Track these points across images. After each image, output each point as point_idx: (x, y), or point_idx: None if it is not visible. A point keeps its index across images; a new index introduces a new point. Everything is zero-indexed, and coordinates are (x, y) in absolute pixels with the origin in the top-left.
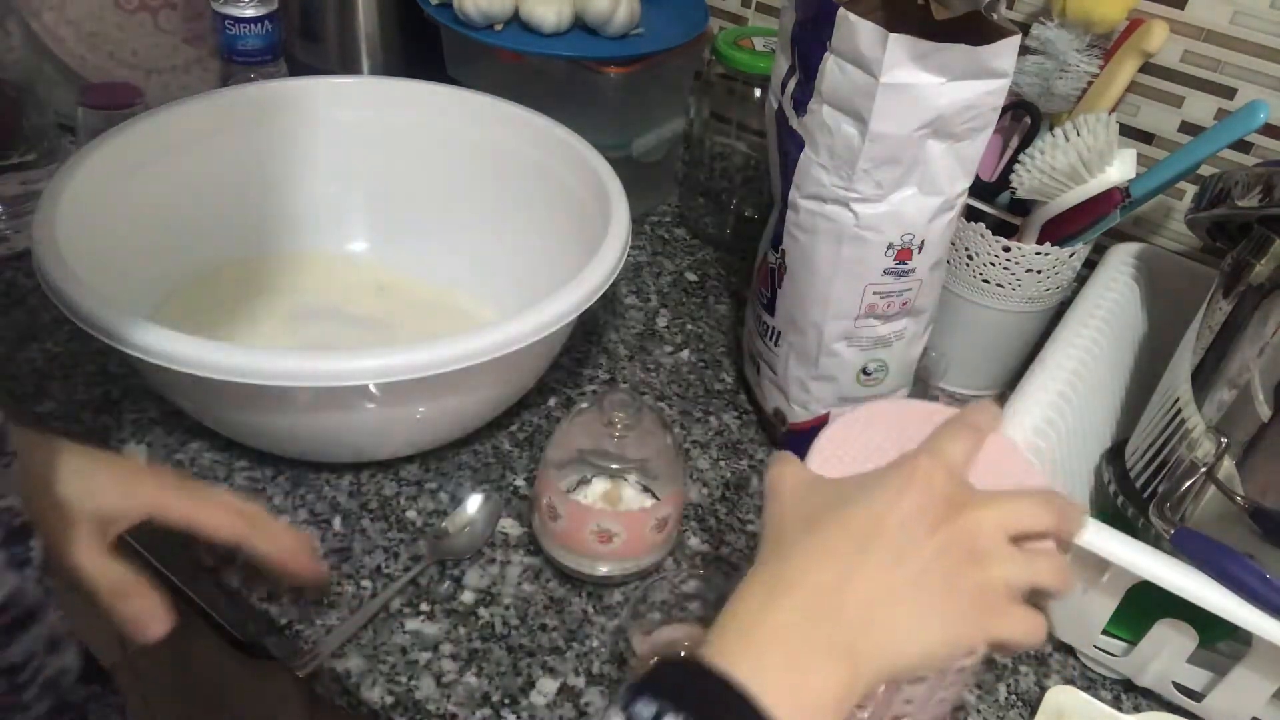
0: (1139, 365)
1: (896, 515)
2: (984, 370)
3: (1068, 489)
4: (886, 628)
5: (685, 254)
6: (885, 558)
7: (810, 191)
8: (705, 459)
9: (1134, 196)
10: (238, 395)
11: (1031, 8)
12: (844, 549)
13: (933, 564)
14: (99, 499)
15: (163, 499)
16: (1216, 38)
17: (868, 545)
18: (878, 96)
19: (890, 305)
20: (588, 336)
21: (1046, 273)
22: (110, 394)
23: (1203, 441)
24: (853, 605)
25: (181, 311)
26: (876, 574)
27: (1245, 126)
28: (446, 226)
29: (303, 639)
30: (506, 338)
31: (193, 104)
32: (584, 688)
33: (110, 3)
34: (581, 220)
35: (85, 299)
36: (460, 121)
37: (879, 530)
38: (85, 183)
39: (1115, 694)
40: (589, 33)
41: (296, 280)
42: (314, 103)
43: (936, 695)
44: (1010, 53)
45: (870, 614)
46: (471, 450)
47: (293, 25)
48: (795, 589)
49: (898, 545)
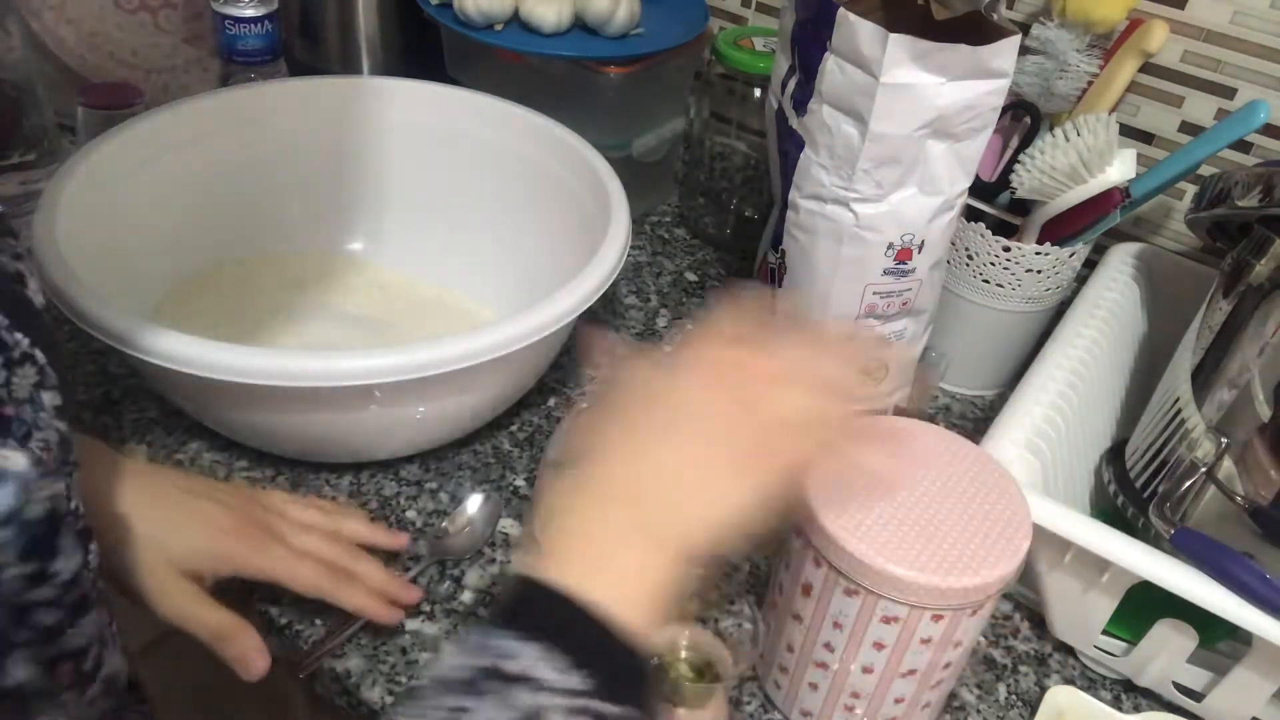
0: (1139, 365)
1: (678, 391)
2: (984, 370)
3: (1068, 489)
4: (685, 497)
5: (685, 254)
6: (674, 434)
7: (810, 191)
8: None
9: (1134, 196)
10: (238, 395)
11: (1031, 8)
12: (638, 436)
13: (715, 425)
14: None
15: (251, 561)
16: (1216, 38)
17: (658, 425)
18: (878, 96)
19: (890, 305)
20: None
21: (1046, 273)
22: (110, 394)
23: (1203, 441)
24: (649, 486)
25: (182, 311)
26: (666, 452)
27: (1245, 126)
28: (446, 226)
29: (303, 639)
30: (506, 338)
31: (193, 104)
32: None
33: (110, 3)
34: (581, 220)
35: (85, 299)
36: (461, 121)
37: (665, 407)
38: (85, 183)
39: (1115, 694)
40: (589, 33)
41: (296, 280)
42: (314, 103)
43: (923, 698)
44: (1010, 53)
45: (664, 489)
46: (471, 450)
47: (293, 25)
48: (598, 484)
49: (683, 418)
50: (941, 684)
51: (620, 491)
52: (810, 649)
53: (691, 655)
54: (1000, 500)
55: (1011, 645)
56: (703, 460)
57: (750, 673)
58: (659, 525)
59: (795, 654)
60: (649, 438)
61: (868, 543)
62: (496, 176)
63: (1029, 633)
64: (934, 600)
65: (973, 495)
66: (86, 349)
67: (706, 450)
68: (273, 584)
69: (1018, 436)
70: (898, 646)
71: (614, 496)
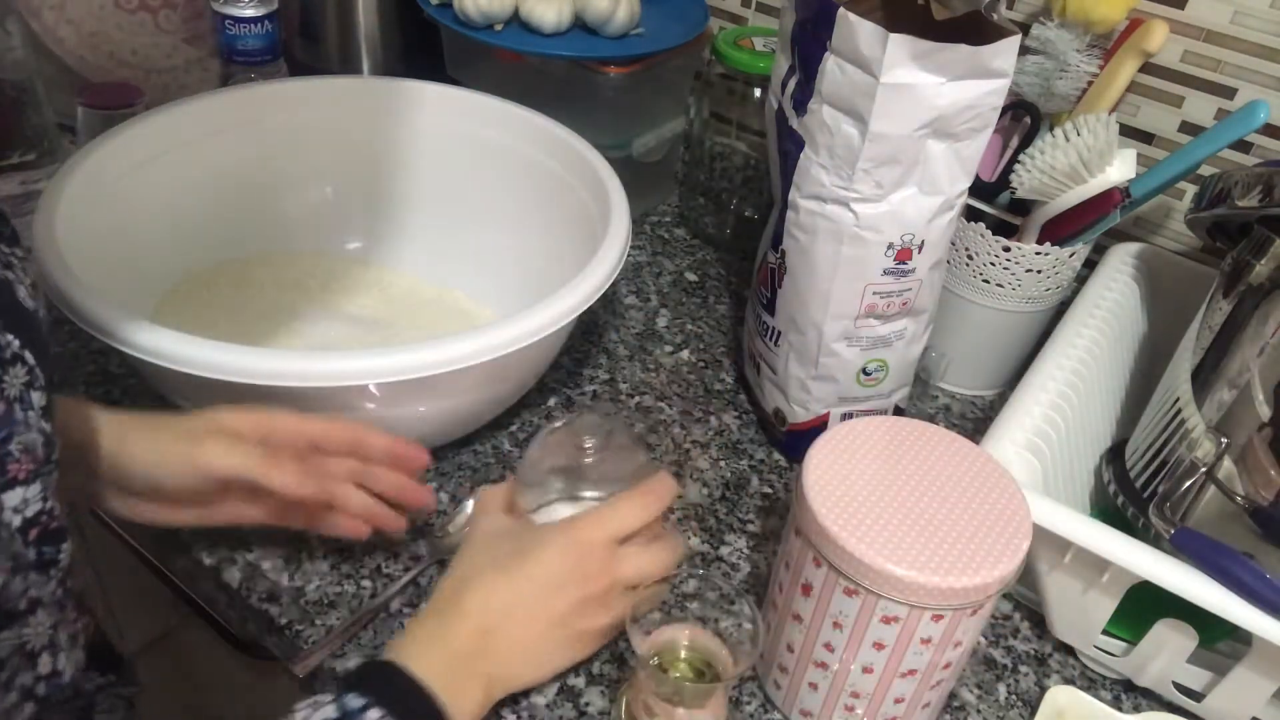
0: (1139, 365)
1: (548, 574)
2: (984, 370)
3: (1068, 489)
4: (519, 664)
5: (685, 254)
6: (534, 608)
7: (810, 191)
8: (705, 459)
9: (1134, 196)
10: (238, 395)
11: (1031, 8)
12: (507, 597)
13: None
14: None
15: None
16: (1216, 38)
17: (523, 597)
18: (878, 96)
19: (890, 305)
20: (588, 336)
21: (1046, 273)
22: (110, 394)
23: (1203, 441)
24: (501, 646)
25: (182, 311)
26: (522, 624)
27: (1245, 126)
28: (446, 226)
29: (303, 639)
30: (506, 338)
31: (193, 104)
32: (584, 688)
33: (110, 3)
34: (581, 220)
35: (85, 299)
36: (460, 121)
37: (533, 585)
38: (85, 183)
39: (1115, 694)
40: (589, 33)
41: (296, 280)
42: (314, 103)
43: (923, 698)
44: (1010, 53)
45: (511, 654)
46: (471, 450)
47: (293, 25)
48: (467, 622)
49: (544, 599)
50: (941, 684)
51: (476, 643)
52: (810, 649)
53: (691, 655)
54: (1000, 500)
55: (1011, 645)
56: (544, 640)
57: (750, 673)
58: (495, 678)
59: (795, 654)
60: (509, 604)
61: (868, 543)
62: (497, 176)
63: (1029, 633)
64: (934, 600)
65: (973, 495)
66: (86, 349)
67: (548, 630)
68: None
69: (1018, 436)
70: (898, 646)
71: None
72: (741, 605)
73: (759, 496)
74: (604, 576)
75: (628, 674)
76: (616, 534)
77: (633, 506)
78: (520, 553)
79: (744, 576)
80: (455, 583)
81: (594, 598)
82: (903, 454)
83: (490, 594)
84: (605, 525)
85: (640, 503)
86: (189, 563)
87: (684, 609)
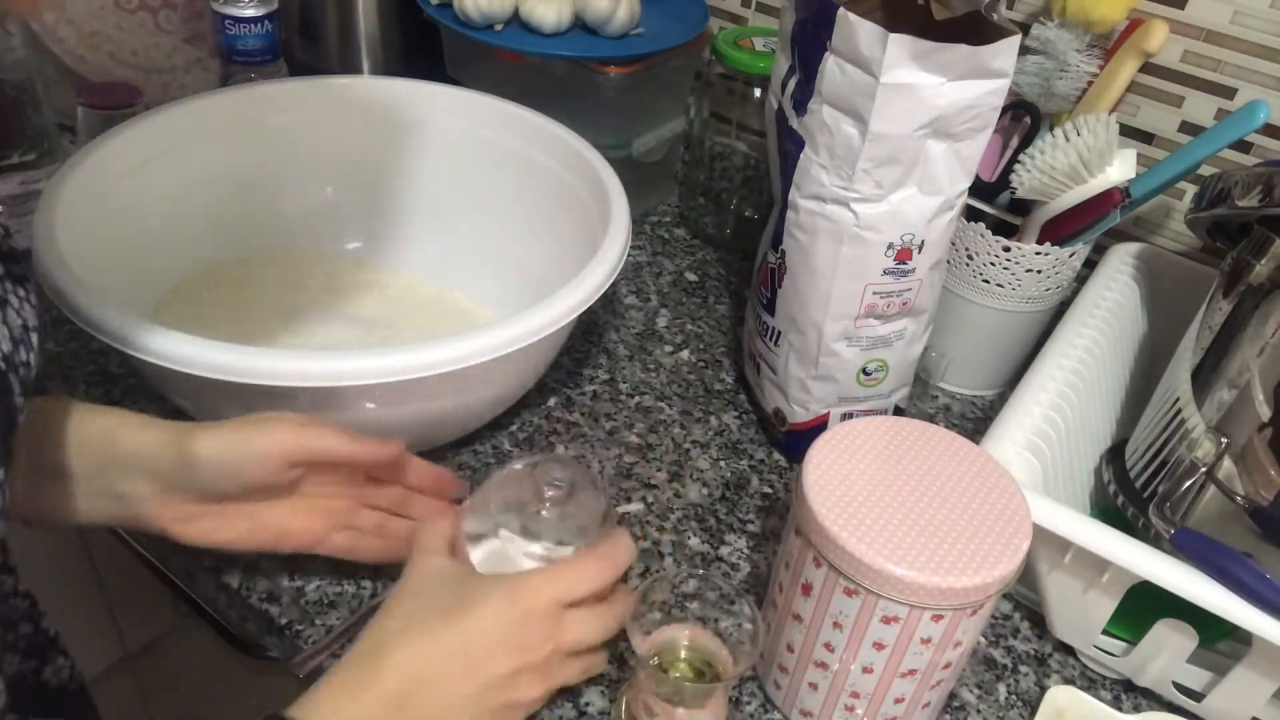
0: (1139, 365)
1: (483, 638)
2: (984, 370)
3: (1067, 489)
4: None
5: (685, 254)
6: (462, 674)
7: (810, 191)
8: (705, 459)
9: (1134, 196)
10: (238, 395)
11: (1031, 8)
12: (433, 660)
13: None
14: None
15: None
16: (1216, 38)
17: (452, 661)
18: (878, 96)
19: (890, 305)
20: (588, 336)
21: (1046, 273)
22: (110, 394)
23: (1203, 441)
24: (419, 715)
25: (181, 311)
26: (445, 691)
27: (1245, 126)
28: (446, 226)
29: (303, 639)
30: (506, 338)
31: (193, 104)
32: (584, 688)
33: (110, 3)
34: (581, 220)
35: (85, 299)
36: (460, 121)
37: (464, 649)
38: (85, 183)
39: (1115, 694)
40: (589, 33)
41: (297, 280)
42: (314, 103)
43: (923, 698)
44: (1010, 53)
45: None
46: (471, 450)
47: (293, 25)
48: (385, 682)
49: (475, 666)
50: (941, 684)
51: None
52: (810, 649)
53: (691, 655)
54: (1000, 500)
55: (1011, 645)
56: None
57: (750, 673)
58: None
59: (795, 654)
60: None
61: (868, 543)
62: (497, 176)
63: (1029, 633)
64: (934, 600)
65: (973, 495)
66: (86, 349)
67: (476, 700)
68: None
69: (1018, 436)
70: (898, 646)
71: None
72: (741, 605)
73: (759, 496)
74: (545, 644)
75: (628, 674)
76: (565, 599)
77: (586, 570)
78: (455, 609)
79: (744, 576)
80: (379, 634)
81: (531, 667)
82: (903, 454)
83: (415, 653)
84: (554, 588)
85: (596, 566)
86: (188, 562)
87: (684, 609)
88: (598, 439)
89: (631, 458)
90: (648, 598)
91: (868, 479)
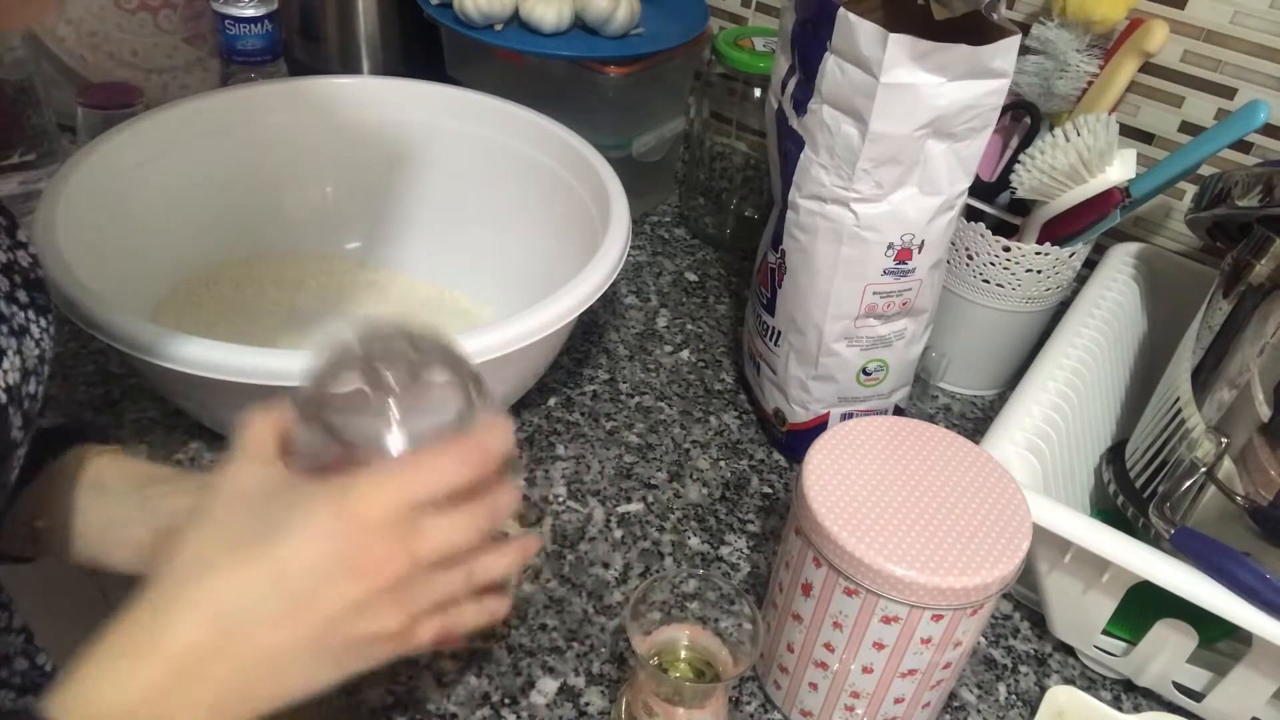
0: (1139, 365)
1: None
2: (984, 370)
3: (1068, 489)
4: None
5: (685, 254)
6: (285, 609)
7: (810, 191)
8: (705, 459)
9: (1134, 196)
10: (238, 395)
11: (1031, 8)
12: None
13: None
14: None
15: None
16: (1216, 38)
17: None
18: (878, 96)
19: (890, 305)
20: (588, 336)
21: (1046, 273)
22: (110, 394)
23: (1203, 441)
24: (240, 654)
25: (182, 311)
26: (267, 632)
27: (1245, 126)
28: (446, 226)
29: None
30: (506, 338)
31: (193, 104)
32: (584, 688)
33: (110, 3)
34: (581, 220)
35: (85, 299)
36: (460, 121)
37: (286, 578)
38: (85, 183)
39: (1115, 694)
40: (589, 33)
41: (296, 280)
42: (314, 103)
43: (923, 698)
44: (1010, 53)
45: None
46: None
47: (293, 25)
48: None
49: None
50: (941, 684)
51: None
52: (810, 649)
53: (691, 655)
54: (1000, 500)
55: (1011, 645)
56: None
57: (750, 673)
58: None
59: (795, 654)
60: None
61: (868, 543)
62: (497, 176)
63: (1029, 633)
64: (934, 600)
65: (973, 495)
66: (86, 349)
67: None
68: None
69: (1018, 436)
70: (898, 646)
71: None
72: (741, 605)
73: (759, 496)
74: (393, 561)
75: (628, 674)
76: (414, 500)
77: (440, 462)
78: (269, 533)
79: (744, 576)
80: (170, 576)
81: (381, 591)
82: (903, 454)
83: (217, 595)
84: (397, 489)
85: (455, 456)
86: None
87: (684, 609)
88: (598, 439)
89: (631, 458)
90: (648, 598)
91: (868, 479)
